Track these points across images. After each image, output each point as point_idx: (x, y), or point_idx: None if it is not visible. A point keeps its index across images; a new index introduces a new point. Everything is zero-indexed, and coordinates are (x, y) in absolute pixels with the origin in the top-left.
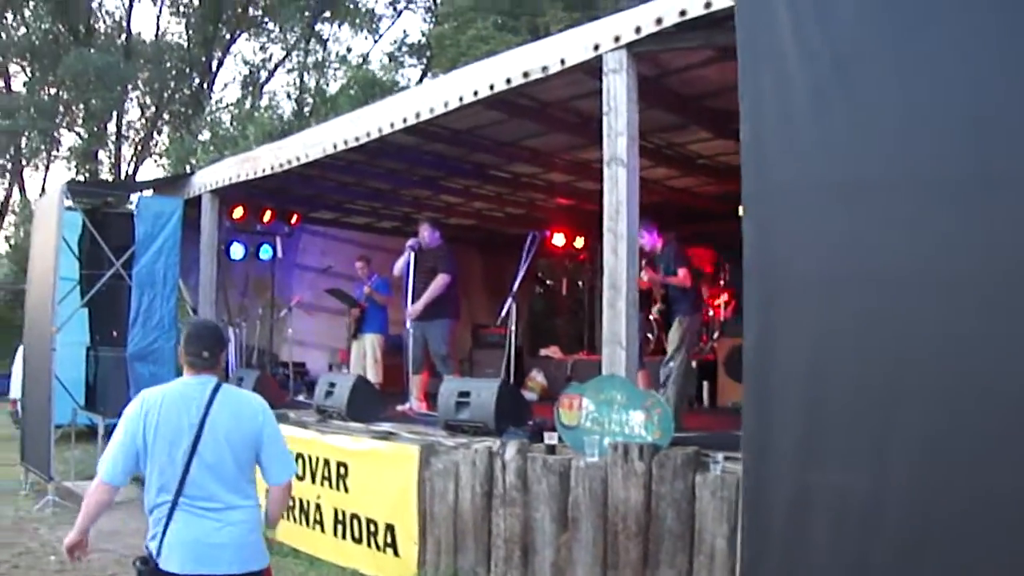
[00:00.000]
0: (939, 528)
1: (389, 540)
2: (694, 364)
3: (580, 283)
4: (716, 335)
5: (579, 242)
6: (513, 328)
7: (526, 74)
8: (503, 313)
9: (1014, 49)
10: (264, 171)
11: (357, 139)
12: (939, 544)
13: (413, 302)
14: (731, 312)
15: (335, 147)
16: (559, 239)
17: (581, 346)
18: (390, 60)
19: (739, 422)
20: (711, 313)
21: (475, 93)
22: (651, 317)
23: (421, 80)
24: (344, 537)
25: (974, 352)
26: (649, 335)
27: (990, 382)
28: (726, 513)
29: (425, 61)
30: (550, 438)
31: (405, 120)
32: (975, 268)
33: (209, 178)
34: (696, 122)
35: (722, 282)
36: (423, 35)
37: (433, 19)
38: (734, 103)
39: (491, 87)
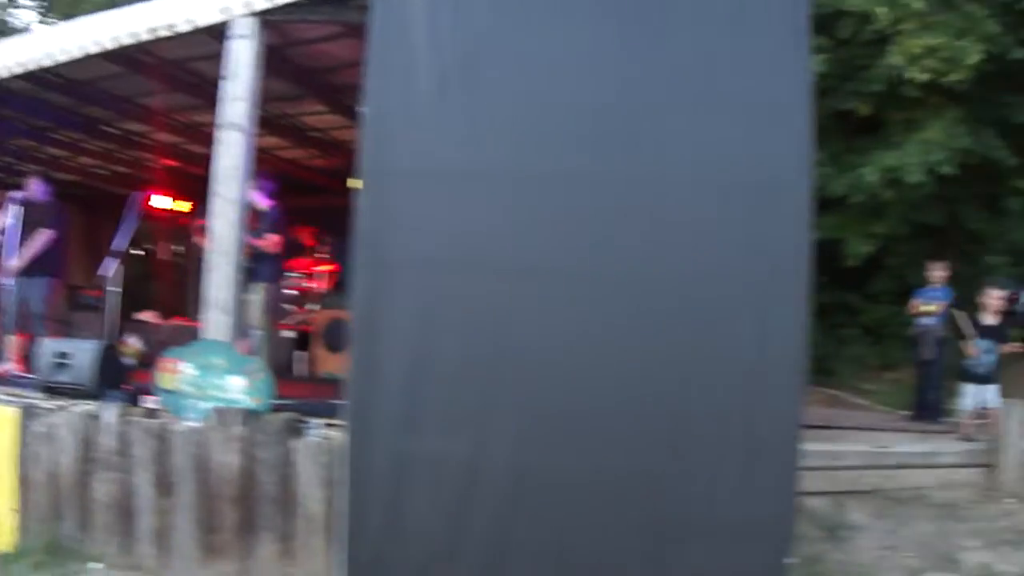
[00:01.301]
0: (535, 495)
1: None
2: (293, 334)
3: (181, 248)
4: (315, 306)
5: (182, 206)
6: (114, 290)
7: (153, 30)
8: (103, 274)
9: (628, 53)
10: None
11: None
12: (534, 509)
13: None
14: (330, 285)
15: None
16: (163, 201)
17: (179, 311)
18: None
19: (335, 391)
20: (312, 285)
21: (99, 45)
22: None
23: (37, 24)
24: None
25: (573, 338)
26: None
27: (586, 367)
28: (323, 477)
29: (45, 4)
30: (150, 402)
31: (23, 66)
32: (580, 259)
33: None
34: (313, 95)
35: (324, 255)
36: None
37: None
38: (352, 79)
39: (116, 40)
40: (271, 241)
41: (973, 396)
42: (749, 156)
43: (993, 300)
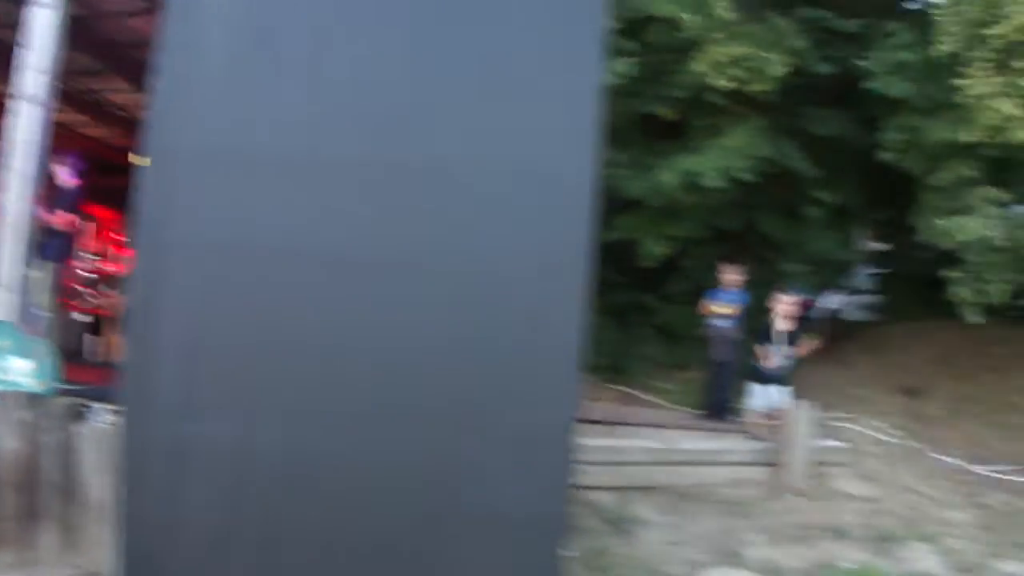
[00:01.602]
0: (306, 480)
1: None
2: (87, 317)
3: None
4: (111, 290)
5: None
6: None
7: None
8: None
9: (421, 44)
10: None
11: None
12: (306, 495)
13: None
14: (127, 268)
15: None
16: None
17: None
18: None
19: None
20: (109, 267)
21: None
22: None
23: None
24: None
25: (347, 326)
26: None
27: (358, 354)
28: (107, 464)
29: None
30: None
31: None
32: (359, 247)
33: None
34: (118, 71)
35: (124, 237)
36: None
37: None
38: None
39: None
40: (64, 219)
41: (763, 396)
42: (533, 151)
43: (785, 305)
